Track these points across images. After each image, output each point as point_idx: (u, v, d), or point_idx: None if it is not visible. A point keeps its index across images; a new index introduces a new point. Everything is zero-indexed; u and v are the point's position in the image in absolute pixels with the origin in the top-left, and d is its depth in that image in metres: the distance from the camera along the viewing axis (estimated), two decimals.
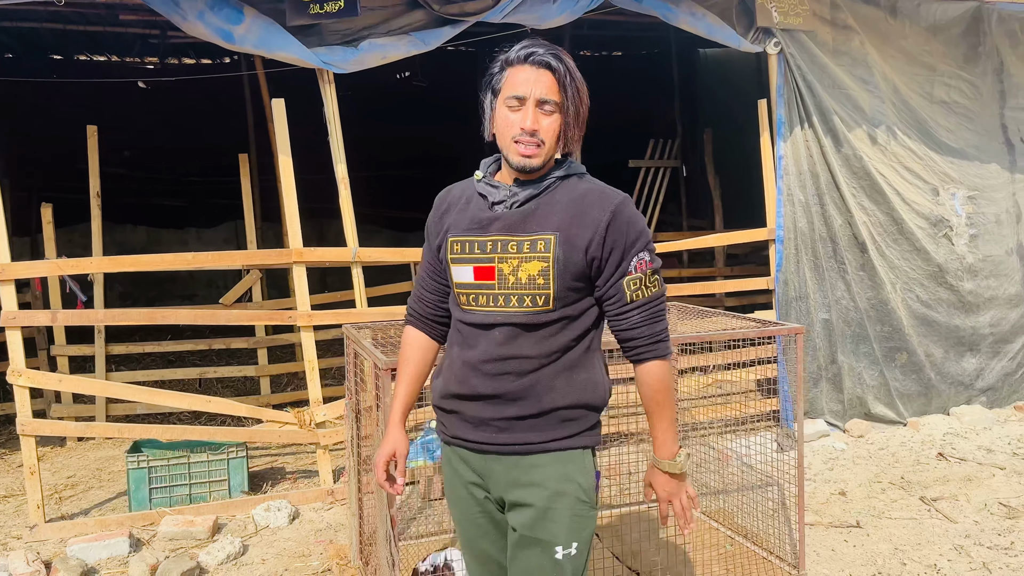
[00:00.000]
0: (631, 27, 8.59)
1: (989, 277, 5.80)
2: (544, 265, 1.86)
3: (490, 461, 1.94)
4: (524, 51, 1.87)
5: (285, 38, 4.30)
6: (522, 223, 1.90)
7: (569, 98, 1.87)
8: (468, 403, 1.93)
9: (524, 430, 1.90)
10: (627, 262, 1.89)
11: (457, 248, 1.95)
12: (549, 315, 1.89)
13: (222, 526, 4.14)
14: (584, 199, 1.90)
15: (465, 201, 2.01)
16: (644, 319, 1.92)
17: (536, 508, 1.89)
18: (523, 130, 1.84)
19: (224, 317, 4.61)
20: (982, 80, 5.87)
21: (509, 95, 1.86)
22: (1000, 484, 4.54)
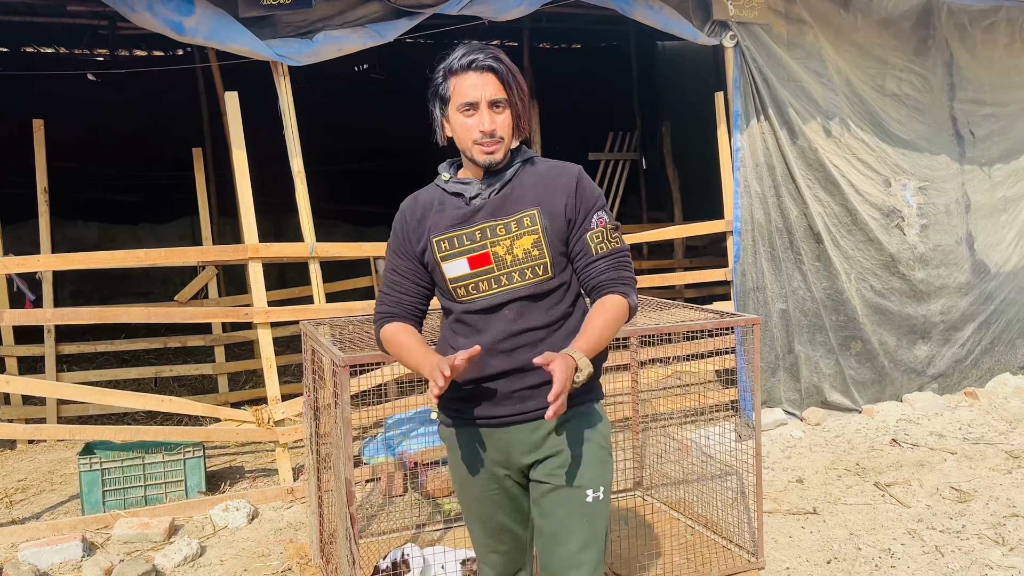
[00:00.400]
0: (589, 20, 8.59)
1: (939, 266, 5.93)
2: (535, 237, 2.06)
3: (513, 432, 2.09)
4: (466, 58, 2.01)
5: (237, 30, 4.22)
6: (503, 207, 2.08)
7: (514, 93, 2.04)
8: (488, 382, 2.07)
9: (543, 396, 1.99)
10: (589, 219, 2.10)
11: (445, 246, 2.09)
12: (550, 283, 2.08)
13: (179, 528, 4.07)
14: (548, 173, 2.12)
15: (438, 203, 2.14)
16: (610, 266, 2.10)
17: (563, 457, 2.07)
18: (482, 132, 2.01)
19: (179, 315, 4.52)
20: (932, 73, 5.98)
21: (461, 102, 2.02)
22: (951, 468, 4.65)
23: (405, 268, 2.17)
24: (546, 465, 2.08)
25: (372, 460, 4.60)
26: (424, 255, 2.13)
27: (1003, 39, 6.22)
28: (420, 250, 2.13)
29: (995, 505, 4.09)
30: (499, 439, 2.10)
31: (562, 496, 2.07)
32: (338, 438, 3.01)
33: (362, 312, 4.51)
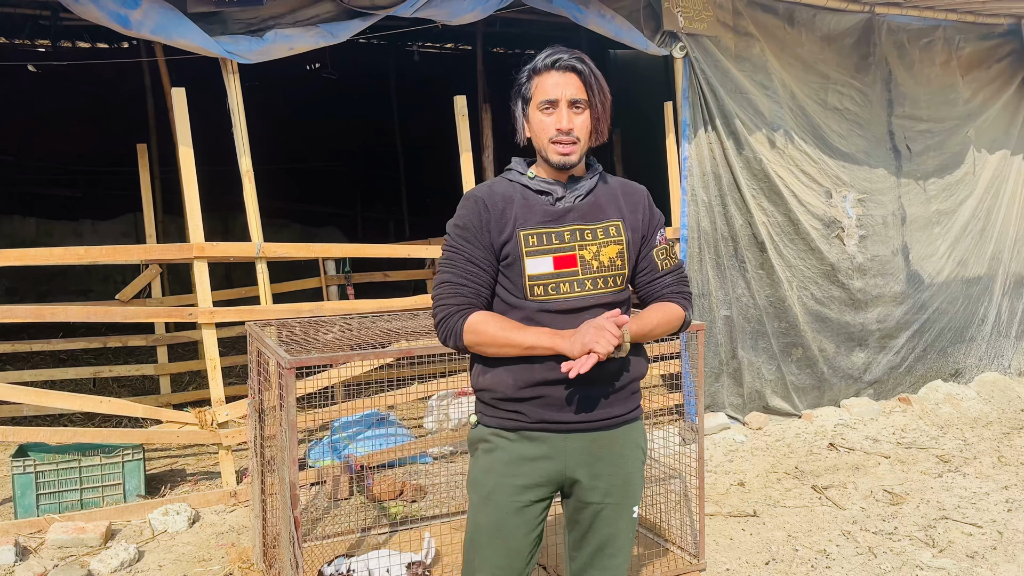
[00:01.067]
0: (543, 26, 8.64)
1: (877, 276, 6.12)
2: (620, 247, 2.11)
3: (572, 440, 2.08)
4: (550, 58, 2.05)
5: (186, 25, 4.15)
6: (592, 212, 2.11)
7: (596, 95, 2.05)
8: (555, 387, 2.04)
9: (608, 405, 2.09)
10: (655, 236, 2.18)
11: (533, 241, 2.05)
12: (623, 294, 2.14)
13: (116, 532, 3.98)
14: (624, 188, 2.20)
15: (521, 197, 2.10)
16: (673, 281, 2.19)
17: (621, 477, 2.12)
18: (559, 131, 2.03)
19: (120, 314, 4.42)
20: (872, 89, 6.18)
21: (541, 100, 2.04)
22: (885, 472, 4.81)
23: (482, 259, 2.07)
24: (600, 482, 2.10)
25: (318, 463, 4.56)
26: (505, 247, 2.06)
27: (940, 57, 6.46)
28: (501, 241, 2.06)
29: (926, 508, 4.24)
30: (557, 445, 2.08)
31: (615, 514, 2.13)
32: (283, 441, 2.98)
33: (310, 313, 4.48)
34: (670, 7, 5.22)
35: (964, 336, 6.57)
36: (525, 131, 2.13)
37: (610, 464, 2.11)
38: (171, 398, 6.10)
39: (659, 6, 5.23)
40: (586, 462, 2.10)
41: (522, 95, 2.11)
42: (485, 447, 2.14)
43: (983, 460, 4.97)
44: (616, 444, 2.12)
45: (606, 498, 2.12)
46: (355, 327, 3.80)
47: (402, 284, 8.27)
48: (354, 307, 4.72)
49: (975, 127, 6.61)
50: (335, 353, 3.32)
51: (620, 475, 2.12)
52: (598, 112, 2.07)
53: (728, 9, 5.53)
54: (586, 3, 5.05)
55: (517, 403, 2.07)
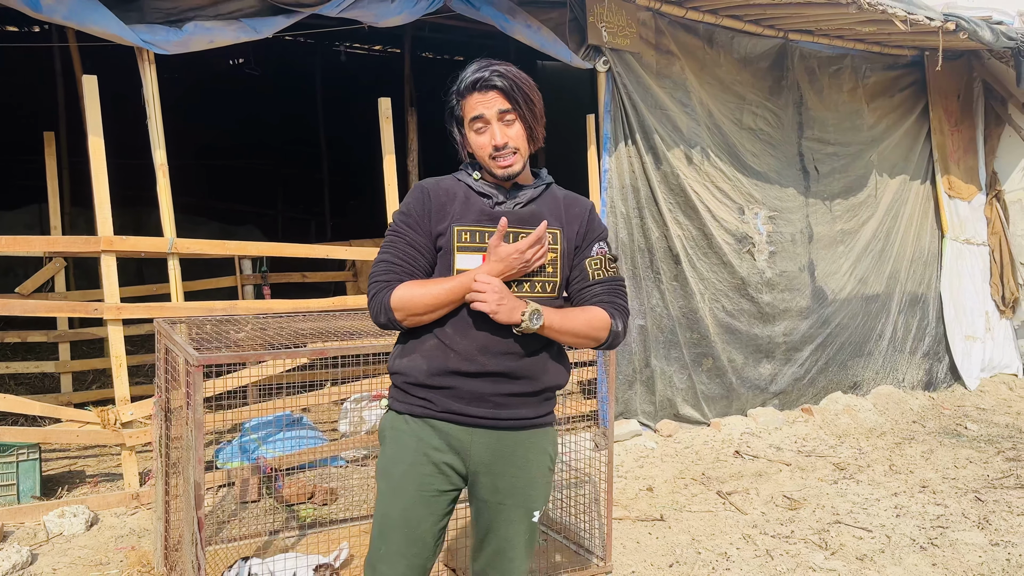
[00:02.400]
0: (472, 33, 8.71)
1: (784, 291, 6.38)
2: (554, 255, 2.15)
3: (476, 435, 2.11)
4: (470, 80, 2.10)
5: (100, 12, 4.02)
6: (530, 218, 2.15)
7: (522, 105, 2.09)
8: (468, 379, 2.08)
9: (518, 406, 2.13)
10: (591, 247, 2.21)
11: (466, 237, 2.10)
12: (554, 302, 2.16)
13: (8, 534, 3.80)
14: (567, 200, 2.25)
15: (463, 196, 2.16)
16: (604, 291, 2.19)
17: (523, 479, 2.15)
18: (495, 147, 2.09)
19: (19, 307, 4.23)
20: (784, 111, 6.45)
21: (471, 118, 2.11)
22: (786, 479, 5.01)
23: (421, 244, 2.13)
24: (501, 483, 2.13)
25: (226, 465, 4.46)
26: (440, 239, 2.12)
27: (847, 84, 6.79)
28: (438, 232, 2.12)
29: (821, 512, 4.44)
30: (460, 438, 2.11)
31: (513, 516, 2.15)
32: (189, 440, 2.92)
33: (222, 312, 4.39)
34: (595, 22, 5.34)
35: (863, 350, 6.90)
36: (467, 148, 2.18)
37: (513, 465, 2.13)
38: (72, 397, 5.86)
39: (584, 20, 5.34)
40: (489, 460, 2.12)
41: (455, 117, 2.17)
42: (392, 434, 2.16)
43: (876, 468, 5.23)
44: (521, 447, 2.14)
45: (506, 499, 2.14)
46: (270, 327, 3.75)
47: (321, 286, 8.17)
48: (269, 307, 4.65)
49: (878, 152, 6.97)
50: (246, 352, 3.27)
51: (522, 478, 2.14)
52: (528, 120, 2.11)
53: (651, 27, 5.69)
54: (513, 13, 5.12)
55: (427, 390, 2.10)
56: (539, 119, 2.15)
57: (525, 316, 2.01)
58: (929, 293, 7.31)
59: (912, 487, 4.85)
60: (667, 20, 5.78)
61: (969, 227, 7.59)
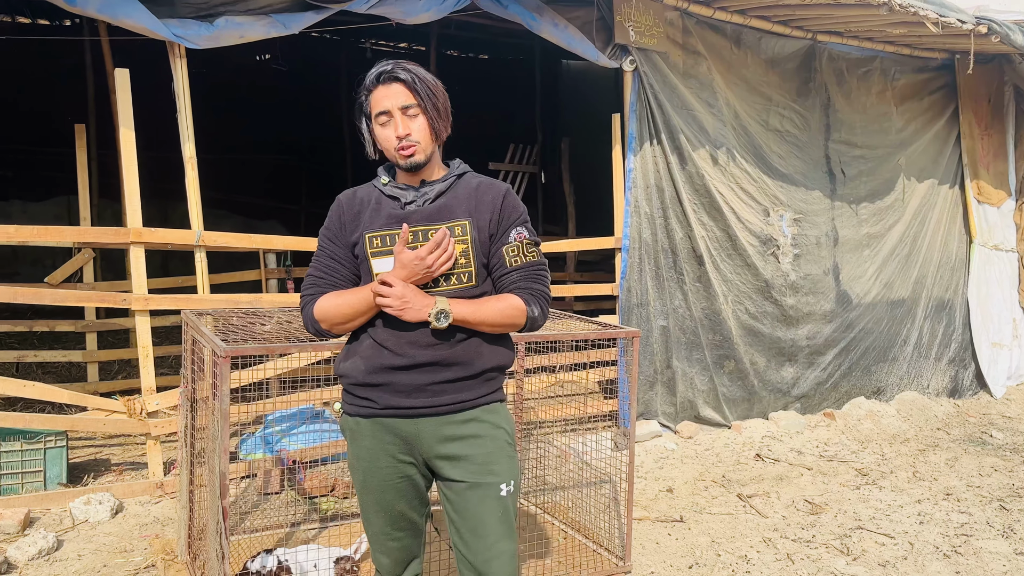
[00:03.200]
0: (497, 32, 8.73)
1: (808, 294, 6.33)
2: (464, 246, 2.17)
3: (422, 424, 2.16)
4: (375, 74, 2.17)
5: (133, 5, 4.07)
6: (438, 213, 2.19)
7: (424, 97, 2.15)
8: (403, 373, 2.14)
9: (456, 391, 2.17)
10: (508, 234, 2.22)
11: (377, 243, 2.18)
12: (473, 291, 2.19)
13: (35, 520, 3.86)
14: (479, 188, 2.25)
15: (375, 202, 2.23)
16: (521, 277, 2.21)
17: (478, 455, 2.18)
18: (399, 138, 2.14)
19: (49, 296, 4.29)
20: (811, 113, 6.40)
21: (376, 112, 2.17)
22: (807, 483, 4.97)
23: (342, 256, 2.24)
24: (459, 463, 2.17)
25: (249, 456, 4.50)
26: (355, 247, 2.21)
27: (876, 87, 6.73)
28: (353, 242, 2.21)
29: (843, 518, 4.40)
30: (407, 431, 2.17)
31: (479, 493, 2.17)
32: (215, 430, 2.94)
33: (248, 304, 4.42)
34: (622, 21, 5.33)
35: (887, 356, 6.83)
36: (376, 145, 2.24)
37: (465, 444, 2.17)
38: (98, 386, 5.94)
39: (611, 19, 5.33)
40: (440, 442, 2.17)
41: (364, 113, 2.22)
42: (350, 435, 2.25)
43: (899, 474, 5.18)
44: (470, 425, 2.18)
45: (466, 476, 2.17)
46: (293, 320, 3.77)
47: None
48: (293, 300, 4.68)
49: (906, 155, 6.90)
50: (272, 344, 3.29)
51: (479, 454, 2.17)
52: (431, 113, 2.16)
53: (678, 27, 5.67)
54: (540, 11, 5.12)
55: (368, 389, 2.18)
56: (442, 115, 2.20)
57: (431, 315, 2.07)
58: (956, 299, 7.23)
59: (936, 494, 4.80)
60: (695, 20, 5.75)
61: (998, 233, 7.49)
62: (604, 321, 4.34)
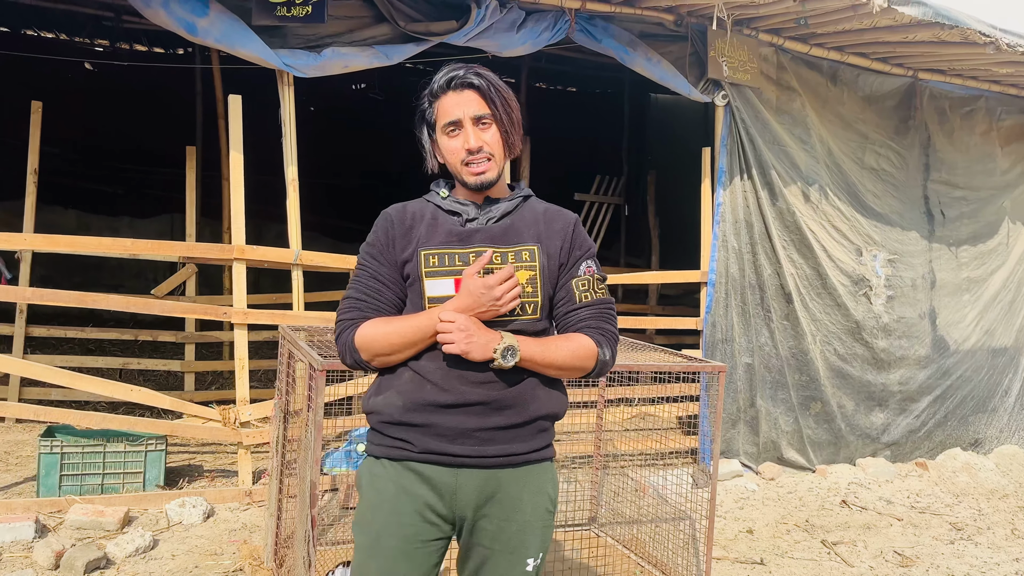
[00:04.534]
0: (588, 65, 8.84)
1: (902, 337, 6.12)
2: (532, 274, 1.93)
3: (463, 476, 1.88)
4: (444, 79, 1.94)
5: (249, 36, 4.31)
6: (503, 235, 1.96)
7: (499, 107, 1.93)
8: (448, 413, 1.87)
9: (507, 440, 1.90)
10: (578, 266, 2.00)
11: (434, 261, 1.92)
12: (536, 324, 1.95)
13: (133, 519, 4.05)
14: (547, 214, 2.03)
15: (431, 217, 1.99)
16: (592, 315, 1.98)
17: (516, 523, 1.91)
18: (469, 151, 1.91)
19: (158, 307, 4.53)
20: (909, 152, 6.23)
21: (444, 123, 1.94)
22: (896, 534, 4.78)
23: (387, 276, 1.97)
24: (492, 527, 1.91)
25: (333, 471, 4.62)
26: (406, 266, 1.95)
27: (980, 127, 6.51)
28: (403, 259, 1.95)
29: (935, 572, 4.21)
30: (445, 482, 1.88)
31: (504, 563, 1.91)
32: (307, 441, 3.05)
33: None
34: (716, 56, 5.34)
35: (986, 406, 6.52)
36: (437, 157, 2.03)
37: (504, 507, 1.90)
38: (193, 395, 6.20)
39: (705, 54, 5.34)
40: (478, 503, 1.90)
41: (426, 121, 2.01)
42: (370, 480, 1.95)
43: (996, 531, 4.92)
44: (514, 486, 1.91)
45: (494, 543, 1.90)
46: None
47: None
48: None
49: (1011, 198, 6.64)
50: None
51: (515, 520, 1.91)
52: (505, 125, 1.94)
53: (772, 62, 5.63)
54: (634, 46, 5.18)
55: (404, 428, 1.90)
56: (516, 126, 1.97)
57: (497, 352, 1.83)
58: None
59: None
60: (790, 56, 5.71)
61: None
62: (689, 354, 4.30)
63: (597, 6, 4.91)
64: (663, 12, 5.18)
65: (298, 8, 4.37)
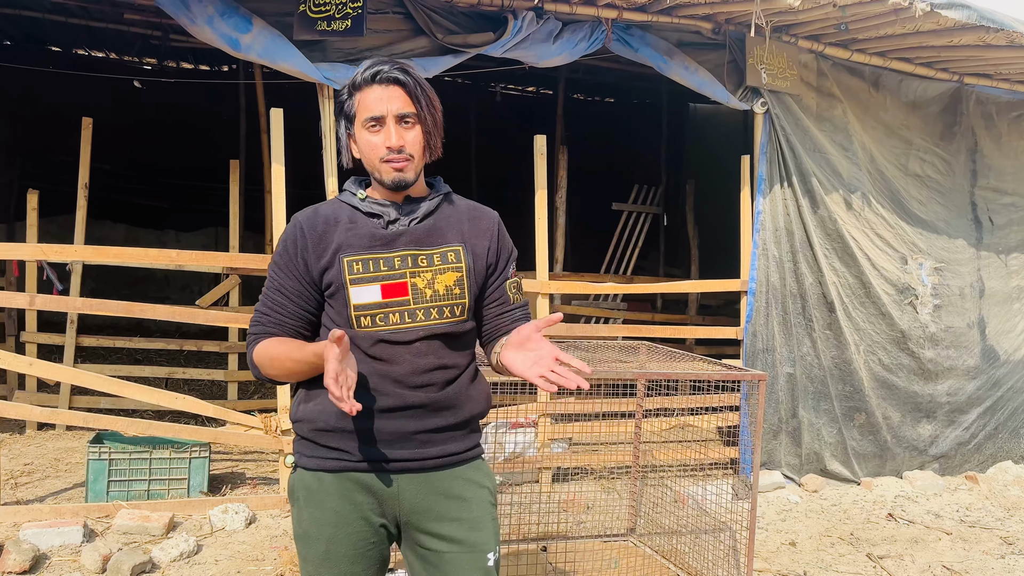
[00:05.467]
0: (625, 75, 8.83)
1: (950, 347, 5.98)
2: (459, 275, 1.92)
3: (403, 481, 1.88)
4: (369, 71, 1.87)
5: (290, 51, 4.40)
6: (428, 237, 1.92)
7: (424, 107, 1.88)
8: (387, 417, 1.86)
9: (445, 442, 1.91)
10: (507, 268, 2.03)
11: (358, 268, 1.86)
12: (464, 325, 1.94)
13: (178, 524, 4.13)
14: (470, 212, 2.02)
15: (348, 220, 1.92)
16: (523, 316, 2.04)
17: (465, 521, 1.90)
18: (389, 148, 1.85)
19: (203, 317, 4.63)
20: (955, 158, 6.11)
21: (366, 117, 1.86)
22: (945, 548, 4.66)
23: (292, 289, 1.90)
24: (443, 528, 1.89)
25: None
26: (326, 274, 1.88)
27: None
28: (321, 268, 1.88)
29: None
30: (383, 488, 1.87)
31: (465, 561, 1.89)
32: None
33: None
34: (754, 63, 5.30)
35: None
36: (352, 152, 1.95)
37: (452, 508, 1.90)
38: (236, 404, 6.29)
39: (743, 62, 5.30)
40: (422, 507, 1.89)
41: (345, 113, 1.92)
42: (307, 495, 1.90)
43: None
44: (456, 485, 1.92)
45: (451, 547, 1.89)
46: None
47: None
48: None
49: None
50: None
51: (465, 520, 1.90)
52: (428, 126, 1.90)
53: (813, 69, 5.57)
54: (671, 54, 5.17)
55: (339, 436, 1.86)
56: (438, 128, 1.93)
57: None
58: None
59: None
60: (830, 62, 5.64)
61: None
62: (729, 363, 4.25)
63: (634, 15, 4.91)
64: (700, 20, 5.16)
65: (338, 22, 4.44)
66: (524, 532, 4.21)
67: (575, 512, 4.65)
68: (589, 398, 5.10)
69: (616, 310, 7.72)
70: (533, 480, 5.19)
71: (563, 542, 4.10)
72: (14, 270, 5.76)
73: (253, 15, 4.36)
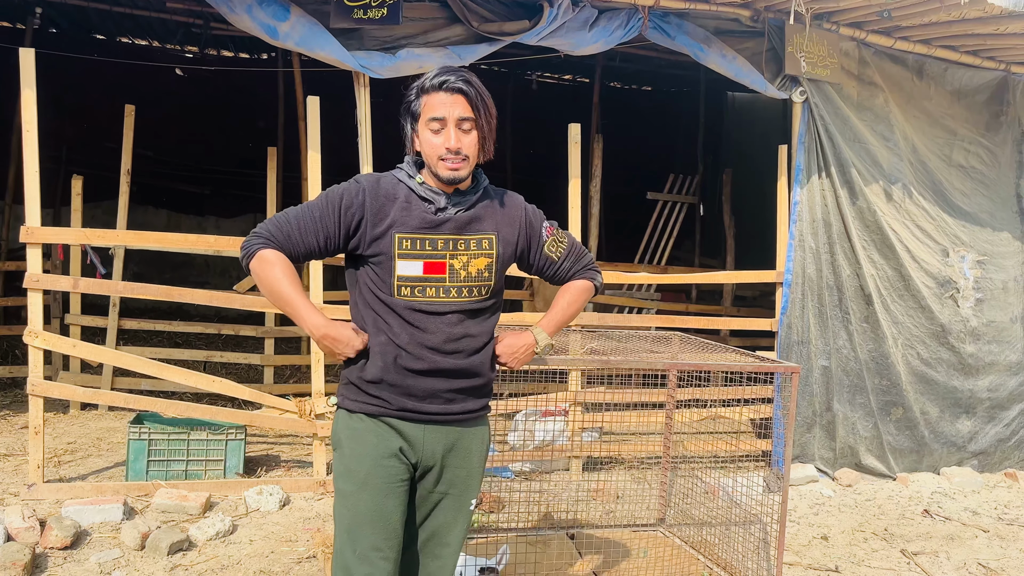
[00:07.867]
0: (661, 63, 8.75)
1: (991, 342, 5.85)
2: (489, 261, 2.24)
3: (429, 430, 2.22)
4: (438, 79, 2.13)
5: (327, 39, 4.44)
6: (468, 224, 2.23)
7: (482, 115, 2.16)
8: (422, 378, 2.18)
9: (465, 400, 2.25)
10: (541, 236, 2.39)
11: (407, 244, 2.16)
12: (486, 302, 2.27)
13: (214, 504, 4.22)
14: (503, 203, 2.33)
15: (404, 200, 2.20)
16: (571, 262, 2.46)
17: (465, 470, 2.29)
18: (448, 149, 2.13)
19: (240, 302, 4.71)
20: (1001, 149, 5.96)
21: (430, 117, 2.13)
22: (982, 546, 4.58)
23: (323, 228, 2.16)
24: (448, 475, 2.27)
25: None
26: (376, 243, 2.15)
27: None
28: (373, 236, 2.15)
29: None
30: (413, 435, 2.21)
31: (453, 504, 2.29)
32: None
33: None
34: (793, 51, 5.21)
35: None
36: (415, 145, 2.22)
37: (459, 457, 2.27)
38: (272, 388, 6.41)
39: (782, 50, 5.22)
40: (439, 453, 2.24)
41: (411, 112, 2.19)
42: (350, 434, 2.22)
43: None
44: (466, 439, 2.28)
45: (450, 489, 2.28)
46: None
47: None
48: None
49: None
50: None
51: (465, 468, 2.28)
52: (484, 131, 2.18)
53: (854, 57, 5.47)
54: (708, 43, 5.11)
55: (380, 387, 2.18)
56: (493, 133, 2.21)
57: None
58: None
59: None
60: (872, 50, 5.53)
61: None
62: (762, 355, 4.22)
63: (671, 3, 4.86)
64: (739, 8, 5.09)
65: (374, 11, 4.47)
66: (554, 520, 4.23)
67: (605, 501, 4.66)
68: (621, 388, 5.09)
69: (650, 300, 7.68)
70: (564, 468, 5.20)
71: (592, 530, 4.11)
72: (59, 253, 5.91)
73: (291, 3, 4.40)
